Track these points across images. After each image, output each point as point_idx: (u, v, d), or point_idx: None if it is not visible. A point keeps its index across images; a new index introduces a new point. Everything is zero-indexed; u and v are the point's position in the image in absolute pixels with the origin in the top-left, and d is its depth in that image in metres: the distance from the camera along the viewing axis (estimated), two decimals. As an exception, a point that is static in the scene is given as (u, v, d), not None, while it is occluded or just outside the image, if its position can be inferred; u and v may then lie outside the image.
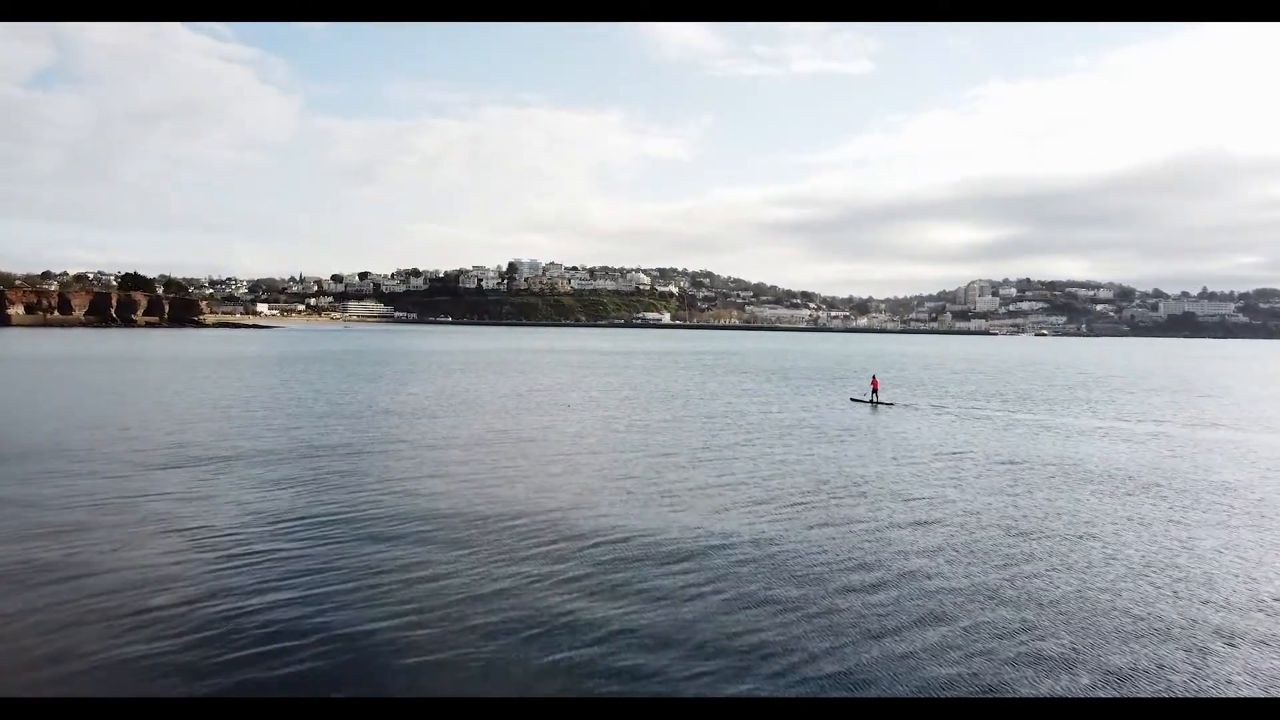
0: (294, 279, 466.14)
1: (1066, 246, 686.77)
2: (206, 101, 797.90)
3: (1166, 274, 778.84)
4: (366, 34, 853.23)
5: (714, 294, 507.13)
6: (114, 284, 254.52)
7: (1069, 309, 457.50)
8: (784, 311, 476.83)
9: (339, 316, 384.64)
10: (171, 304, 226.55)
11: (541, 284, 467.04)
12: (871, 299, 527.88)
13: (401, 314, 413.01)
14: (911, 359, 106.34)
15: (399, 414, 34.78)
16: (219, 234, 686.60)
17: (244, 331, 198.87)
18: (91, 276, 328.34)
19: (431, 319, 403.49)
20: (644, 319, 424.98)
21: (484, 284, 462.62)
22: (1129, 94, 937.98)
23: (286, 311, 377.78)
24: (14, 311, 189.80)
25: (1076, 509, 19.40)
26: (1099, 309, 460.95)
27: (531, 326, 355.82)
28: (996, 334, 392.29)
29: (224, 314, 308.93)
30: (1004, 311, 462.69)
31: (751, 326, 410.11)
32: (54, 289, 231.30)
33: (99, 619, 11.33)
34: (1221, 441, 31.50)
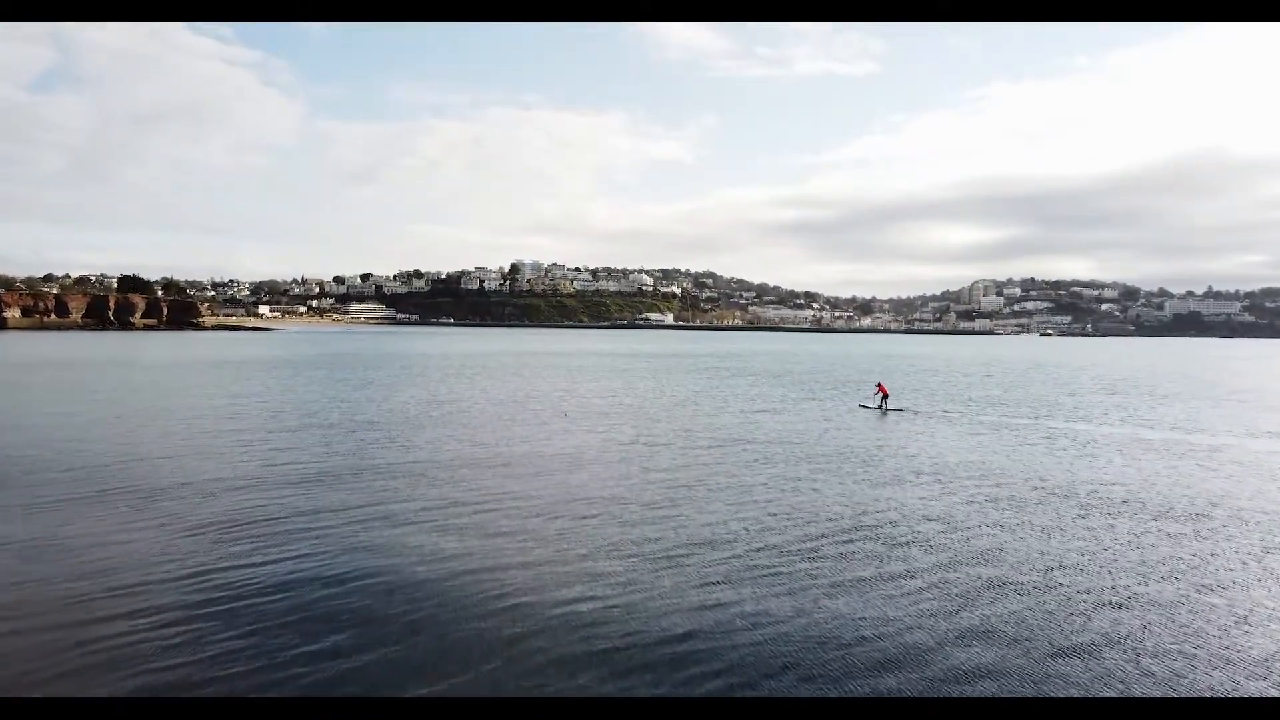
0: (296, 281, 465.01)
1: (1070, 246, 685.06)
2: (209, 104, 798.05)
3: (1171, 273, 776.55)
4: (368, 36, 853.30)
5: (717, 294, 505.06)
6: (114, 287, 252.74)
7: (1074, 309, 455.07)
8: (787, 312, 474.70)
9: (341, 318, 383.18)
10: (170, 306, 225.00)
11: (544, 285, 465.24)
12: (875, 299, 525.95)
13: (403, 315, 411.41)
14: (921, 361, 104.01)
15: (380, 426, 32.36)
16: (222, 237, 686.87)
17: (243, 334, 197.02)
18: (94, 279, 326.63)
19: (433, 320, 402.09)
20: (647, 320, 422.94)
21: (486, 285, 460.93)
22: (1131, 93, 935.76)
23: (288, 313, 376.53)
24: (10, 315, 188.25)
25: (1188, 554, 16.16)
26: (1104, 309, 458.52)
27: (534, 328, 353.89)
28: (1001, 334, 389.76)
29: (225, 316, 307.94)
30: (1008, 311, 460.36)
31: (754, 327, 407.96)
32: (53, 291, 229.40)
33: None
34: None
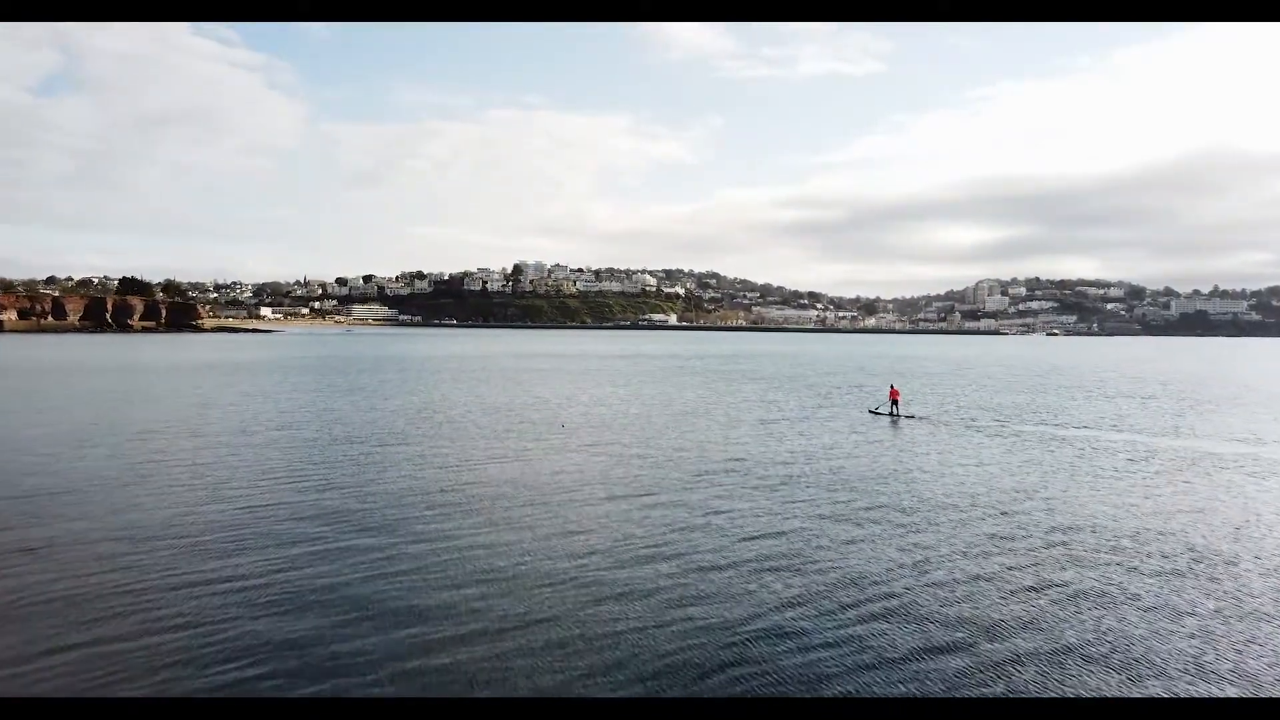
0: (299, 283, 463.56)
1: (1074, 246, 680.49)
2: (214, 107, 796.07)
3: (1176, 272, 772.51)
4: (372, 38, 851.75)
5: (720, 295, 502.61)
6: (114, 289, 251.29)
7: (1079, 308, 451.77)
8: (791, 312, 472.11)
9: (343, 320, 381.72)
10: (169, 308, 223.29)
11: (547, 286, 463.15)
12: (879, 299, 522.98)
13: (406, 317, 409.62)
14: (932, 363, 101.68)
15: (359, 441, 30.07)
16: (226, 239, 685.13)
17: (242, 336, 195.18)
18: (96, 281, 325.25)
19: (436, 322, 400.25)
20: (650, 320, 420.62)
21: (489, 286, 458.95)
22: (1135, 93, 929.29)
23: (290, 315, 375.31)
24: (6, 317, 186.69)
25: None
26: (1110, 308, 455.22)
27: (537, 329, 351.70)
28: (1007, 334, 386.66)
29: (227, 318, 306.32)
30: (1013, 311, 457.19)
31: (758, 328, 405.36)
32: (54, 294, 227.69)
33: None
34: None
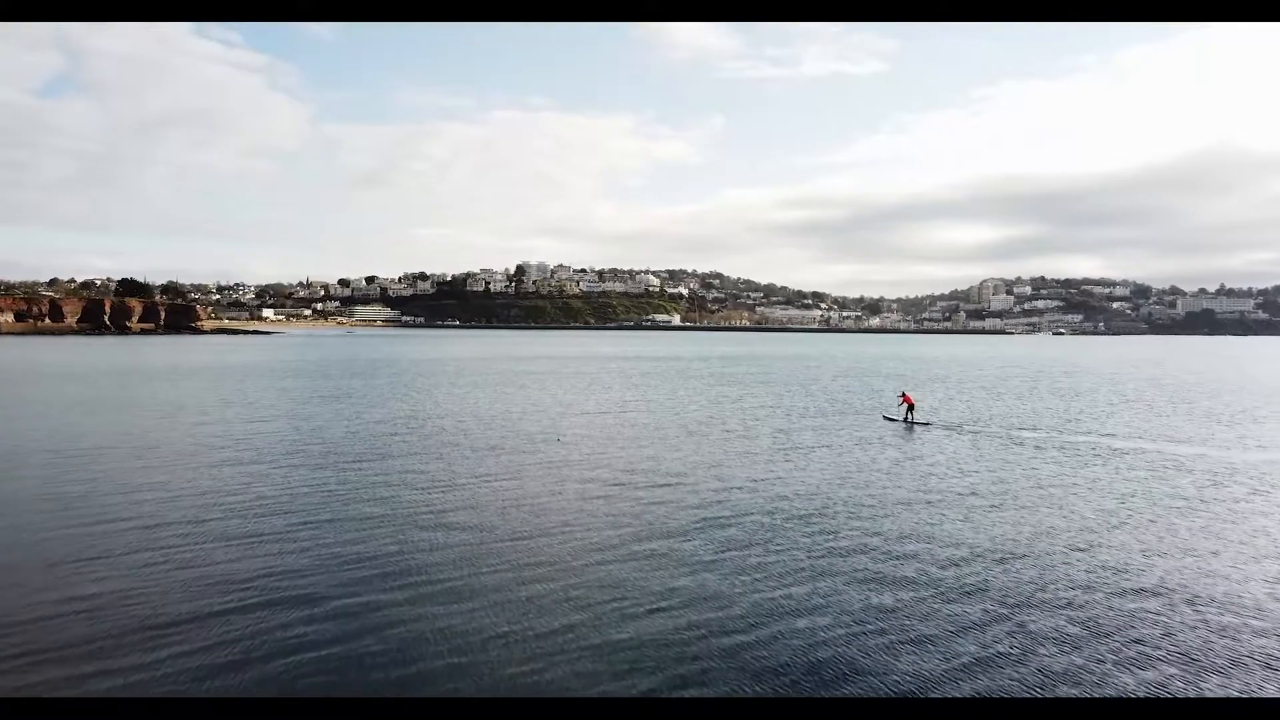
0: (302, 284, 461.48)
1: (1079, 245, 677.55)
2: (217, 109, 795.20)
3: (1181, 271, 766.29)
4: (375, 39, 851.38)
5: (724, 295, 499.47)
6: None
7: (1085, 307, 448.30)
8: (795, 312, 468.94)
9: (345, 321, 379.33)
10: (168, 310, 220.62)
11: (550, 287, 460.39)
12: (883, 299, 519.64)
13: (409, 318, 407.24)
14: (944, 364, 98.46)
15: (333, 458, 26.75)
16: (229, 241, 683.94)
17: (241, 338, 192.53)
18: (99, 283, 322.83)
19: (439, 323, 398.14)
20: (653, 321, 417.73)
21: (491, 287, 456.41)
22: (1139, 92, 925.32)
23: (293, 317, 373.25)
24: (3, 320, 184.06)
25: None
26: (1115, 307, 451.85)
27: (540, 330, 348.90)
28: (1012, 333, 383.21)
29: (228, 320, 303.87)
30: (1018, 310, 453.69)
31: (762, 328, 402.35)
32: (51, 296, 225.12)
33: None
34: None
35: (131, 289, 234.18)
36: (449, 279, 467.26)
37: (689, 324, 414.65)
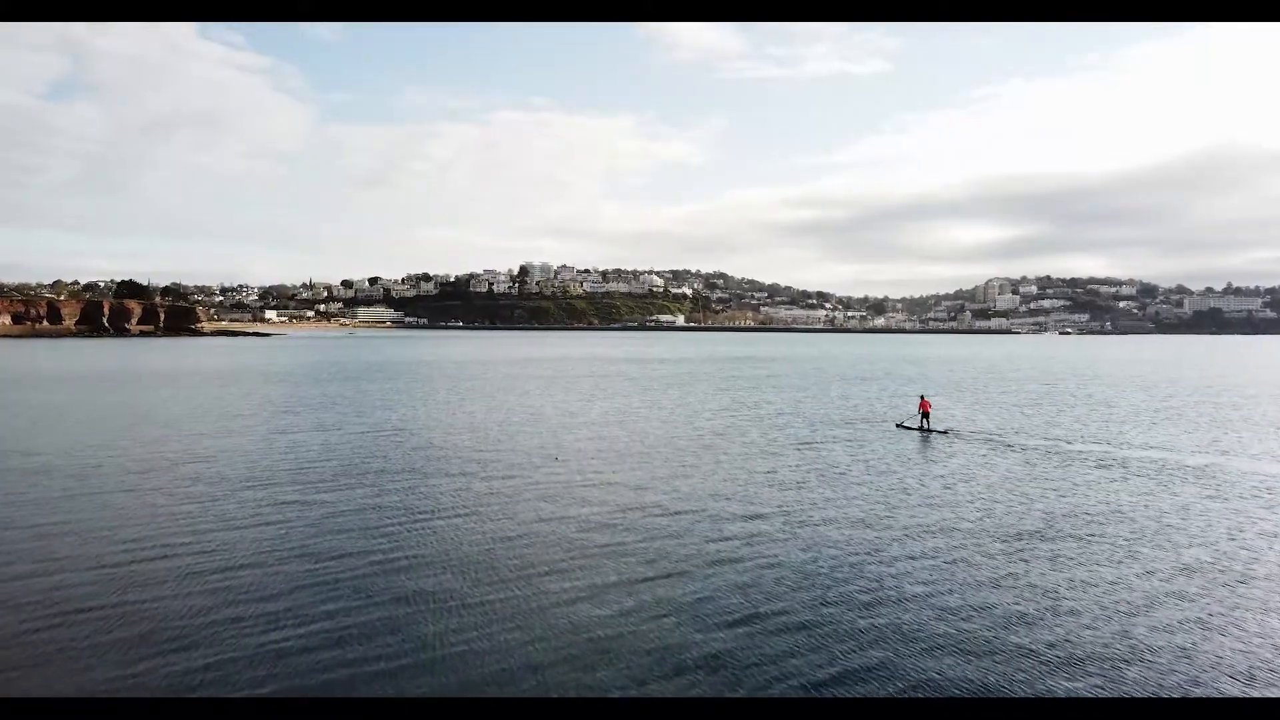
0: (305, 285, 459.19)
1: (1084, 244, 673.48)
2: (220, 110, 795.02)
3: (1187, 270, 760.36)
4: (379, 40, 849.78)
5: (728, 295, 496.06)
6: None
7: (1091, 306, 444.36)
8: (800, 312, 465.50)
9: (348, 323, 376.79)
10: (168, 312, 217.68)
11: (553, 287, 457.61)
12: (887, 299, 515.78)
13: (412, 319, 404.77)
14: (954, 365, 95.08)
15: (294, 485, 23.39)
16: (233, 243, 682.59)
17: (241, 340, 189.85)
18: (103, 285, 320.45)
19: (442, 324, 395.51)
20: (657, 321, 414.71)
21: (495, 288, 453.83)
22: (1143, 90, 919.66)
23: (295, 318, 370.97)
24: (0, 322, 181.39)
25: None
26: (1122, 306, 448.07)
27: (543, 330, 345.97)
28: (1019, 332, 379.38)
29: (230, 321, 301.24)
30: (1024, 310, 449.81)
31: (767, 328, 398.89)
32: (52, 297, 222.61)
33: None
34: None
35: (130, 291, 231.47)
36: (452, 280, 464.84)
37: (693, 324, 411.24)
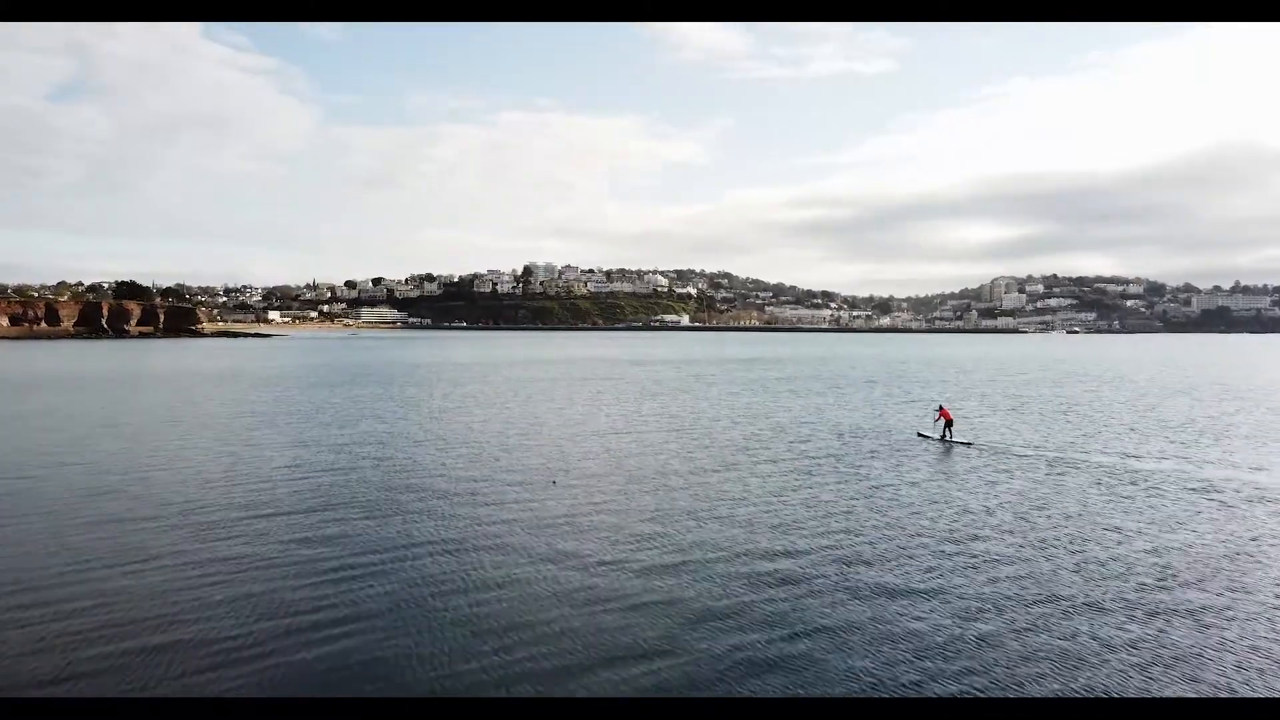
0: (309, 286, 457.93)
1: (1091, 243, 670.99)
2: (225, 112, 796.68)
3: (1194, 269, 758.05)
4: (383, 42, 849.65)
5: (733, 295, 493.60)
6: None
7: (1098, 305, 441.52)
8: (805, 312, 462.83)
9: (351, 323, 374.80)
10: (168, 313, 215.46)
11: (557, 287, 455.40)
12: (893, 298, 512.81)
13: (415, 320, 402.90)
14: (965, 367, 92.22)
15: (252, 510, 20.53)
16: (237, 244, 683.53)
17: (241, 341, 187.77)
18: (106, 286, 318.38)
19: (446, 324, 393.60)
20: (662, 321, 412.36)
21: (499, 288, 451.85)
22: (1149, 89, 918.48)
23: (298, 319, 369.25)
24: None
25: None
26: (1129, 305, 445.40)
27: (547, 331, 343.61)
28: (1026, 331, 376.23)
29: (232, 322, 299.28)
30: (1031, 309, 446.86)
31: (772, 328, 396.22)
32: (50, 298, 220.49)
33: None
34: None
35: (130, 291, 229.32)
36: (456, 280, 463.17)
37: (698, 324, 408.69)
